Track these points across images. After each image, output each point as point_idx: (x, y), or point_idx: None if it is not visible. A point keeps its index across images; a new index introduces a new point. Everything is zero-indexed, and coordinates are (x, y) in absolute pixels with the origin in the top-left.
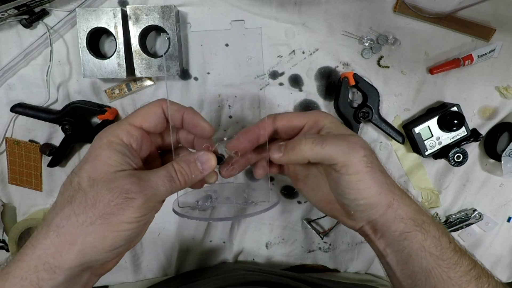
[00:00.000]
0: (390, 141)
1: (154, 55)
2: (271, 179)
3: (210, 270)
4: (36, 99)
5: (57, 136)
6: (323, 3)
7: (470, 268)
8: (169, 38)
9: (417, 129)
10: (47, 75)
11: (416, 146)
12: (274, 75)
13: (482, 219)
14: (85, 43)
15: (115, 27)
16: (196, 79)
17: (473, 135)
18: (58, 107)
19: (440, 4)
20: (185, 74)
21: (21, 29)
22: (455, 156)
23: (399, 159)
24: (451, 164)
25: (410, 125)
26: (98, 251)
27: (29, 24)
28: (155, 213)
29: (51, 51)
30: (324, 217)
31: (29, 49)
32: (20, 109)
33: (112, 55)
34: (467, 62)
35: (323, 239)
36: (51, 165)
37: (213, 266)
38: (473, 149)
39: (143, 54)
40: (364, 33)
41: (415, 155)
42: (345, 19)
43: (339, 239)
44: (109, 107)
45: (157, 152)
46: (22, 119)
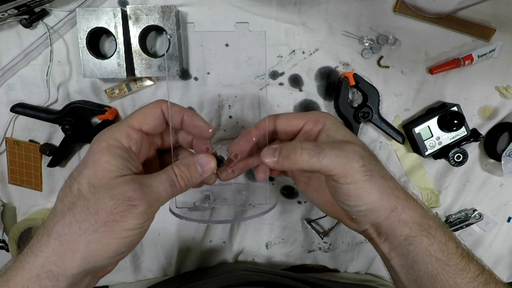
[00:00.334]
0: (390, 141)
1: (154, 55)
2: (271, 179)
3: (210, 270)
4: (36, 99)
5: (57, 136)
6: (323, 3)
7: (477, 274)
8: (170, 37)
9: (417, 129)
10: (47, 75)
11: (416, 146)
12: (274, 75)
13: (482, 219)
14: (85, 43)
15: (115, 27)
16: (196, 79)
17: (473, 135)
18: (58, 107)
19: (440, 4)
20: (185, 74)
21: (21, 29)
22: (455, 156)
23: (399, 159)
24: (451, 164)
25: (410, 125)
26: (101, 258)
27: (29, 24)
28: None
29: (51, 51)
30: (324, 217)
31: (29, 49)
32: (20, 109)
33: (112, 55)
34: (467, 62)
35: (323, 239)
36: (51, 165)
37: (213, 266)
38: (473, 149)
39: (143, 54)
40: (364, 33)
41: (415, 155)
42: (345, 19)
43: (339, 239)
44: (109, 107)
45: (155, 153)
46: (22, 119)
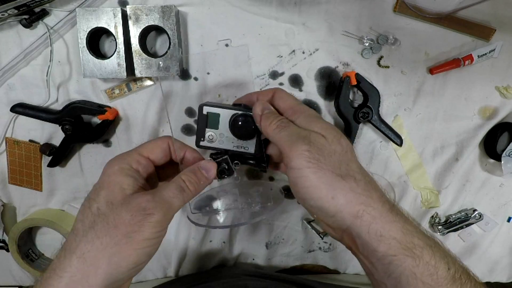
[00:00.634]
0: (389, 141)
1: (154, 55)
2: (271, 179)
3: (210, 274)
4: (36, 99)
5: (57, 136)
6: (323, 3)
7: None
8: (182, 52)
9: None
10: (47, 75)
11: None
12: (274, 75)
13: (482, 219)
14: (85, 43)
15: (115, 27)
16: (196, 79)
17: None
18: (58, 107)
19: (440, 4)
20: (185, 74)
21: (21, 29)
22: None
23: (399, 159)
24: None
25: None
26: (122, 271)
27: (29, 24)
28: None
29: (51, 51)
30: None
31: (29, 49)
32: (20, 109)
33: (112, 55)
34: (467, 62)
35: (323, 239)
36: (51, 165)
37: (213, 269)
38: (473, 149)
39: (143, 54)
40: (364, 33)
41: (415, 154)
42: (345, 19)
43: None
44: (109, 107)
45: (155, 174)
46: (22, 119)
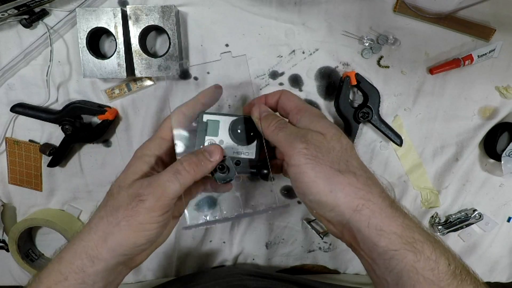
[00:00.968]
0: (389, 141)
1: (154, 55)
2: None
3: (210, 273)
4: (36, 99)
5: (57, 136)
6: (323, 3)
7: None
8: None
9: None
10: (47, 75)
11: None
12: (274, 75)
13: (482, 219)
14: (85, 43)
15: (115, 27)
16: (196, 79)
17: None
18: (58, 107)
19: (440, 4)
20: (185, 74)
21: (21, 29)
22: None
23: (399, 159)
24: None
25: None
26: (124, 248)
27: (29, 24)
28: (171, 215)
29: (51, 51)
30: None
31: (29, 49)
32: (20, 109)
33: (112, 55)
34: (467, 62)
35: (323, 239)
36: (51, 165)
37: (213, 269)
38: (473, 149)
39: (143, 54)
40: (364, 33)
41: (415, 154)
42: (345, 19)
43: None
44: (109, 107)
45: None
46: (22, 119)
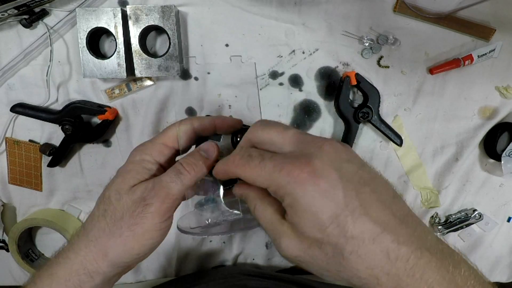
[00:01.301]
0: (389, 141)
1: (154, 55)
2: None
3: (210, 274)
4: (36, 99)
5: (57, 136)
6: (323, 3)
7: None
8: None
9: None
10: (47, 75)
11: None
12: (274, 75)
13: (482, 219)
14: (85, 43)
15: (115, 27)
16: (196, 79)
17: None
18: (58, 107)
19: (440, 4)
20: (185, 74)
21: (21, 29)
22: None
23: (399, 159)
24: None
25: None
26: (126, 260)
27: (29, 24)
28: (172, 219)
29: (51, 51)
30: None
31: (29, 49)
32: (20, 109)
33: (112, 55)
34: (467, 62)
35: None
36: (51, 165)
37: (213, 269)
38: (473, 149)
39: (143, 54)
40: (364, 33)
41: (415, 154)
42: (345, 19)
43: None
44: (109, 107)
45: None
46: (22, 119)
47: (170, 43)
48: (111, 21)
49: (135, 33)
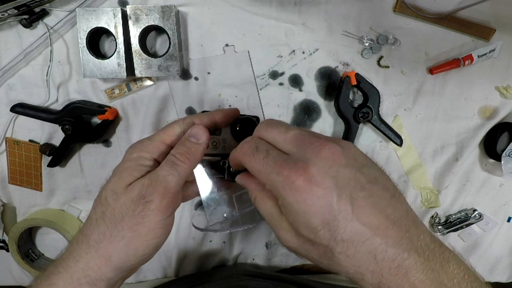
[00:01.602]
0: (389, 141)
1: (154, 55)
2: None
3: (210, 274)
4: (36, 99)
5: (57, 136)
6: (323, 3)
7: None
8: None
9: None
10: (47, 75)
11: None
12: (274, 75)
13: (482, 219)
14: (85, 43)
15: (115, 27)
16: (196, 79)
17: None
18: (58, 107)
19: (440, 4)
20: (185, 74)
21: (21, 29)
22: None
23: (399, 159)
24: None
25: None
26: (131, 263)
27: (29, 24)
28: (174, 214)
29: (51, 51)
30: None
31: (29, 49)
32: (20, 109)
33: (112, 55)
34: (467, 62)
35: None
36: (51, 165)
37: (213, 269)
38: (473, 149)
39: (143, 54)
40: (364, 33)
41: (415, 154)
42: (345, 19)
43: None
44: (109, 107)
45: None
46: (22, 119)
47: (170, 43)
48: (111, 21)
49: (135, 33)
